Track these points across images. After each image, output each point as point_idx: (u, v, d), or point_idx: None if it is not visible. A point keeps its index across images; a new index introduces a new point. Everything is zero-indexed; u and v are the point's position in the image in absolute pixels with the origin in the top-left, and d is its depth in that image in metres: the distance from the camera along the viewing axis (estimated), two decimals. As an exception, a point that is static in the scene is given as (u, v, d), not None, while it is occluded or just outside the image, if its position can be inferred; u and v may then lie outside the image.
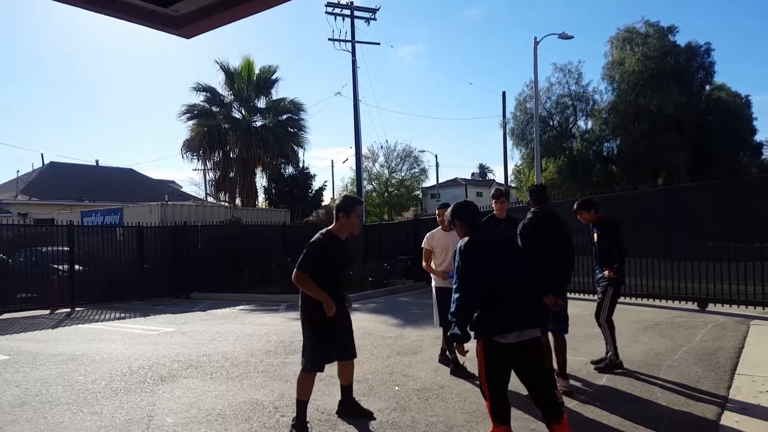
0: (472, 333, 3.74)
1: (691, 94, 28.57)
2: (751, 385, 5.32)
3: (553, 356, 5.41)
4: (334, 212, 4.81)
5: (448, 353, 6.46)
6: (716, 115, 28.59)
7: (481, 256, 3.78)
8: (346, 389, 4.99)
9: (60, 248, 14.76)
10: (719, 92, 30.70)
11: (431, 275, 6.80)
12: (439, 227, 6.80)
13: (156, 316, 12.58)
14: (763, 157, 34.08)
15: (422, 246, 6.82)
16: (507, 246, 4.00)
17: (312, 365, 4.62)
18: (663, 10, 76.49)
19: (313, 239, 4.65)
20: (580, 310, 5.79)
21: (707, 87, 30.53)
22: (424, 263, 6.83)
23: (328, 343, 4.64)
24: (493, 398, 3.72)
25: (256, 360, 7.44)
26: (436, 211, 7.20)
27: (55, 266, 14.51)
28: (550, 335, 5.30)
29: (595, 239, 6.55)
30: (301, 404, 4.55)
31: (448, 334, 3.98)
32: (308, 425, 4.54)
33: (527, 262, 3.95)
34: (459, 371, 6.27)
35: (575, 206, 6.70)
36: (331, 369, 6.57)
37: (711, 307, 10.13)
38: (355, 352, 4.94)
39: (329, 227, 4.78)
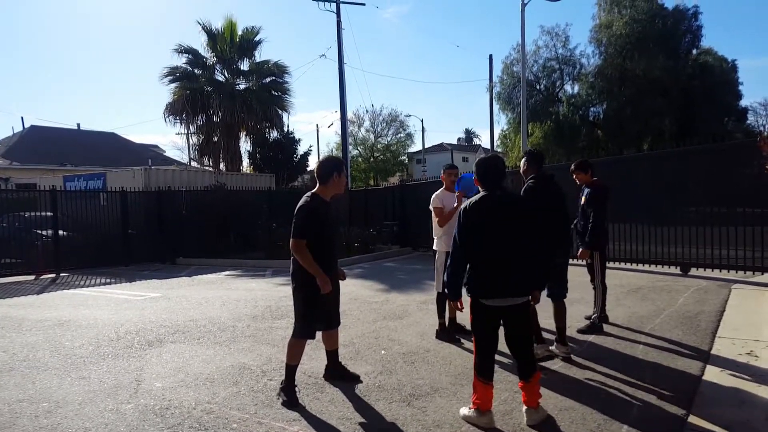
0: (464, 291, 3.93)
1: (677, 58, 28.51)
2: (731, 348, 5.44)
3: (535, 324, 5.48)
4: (318, 173, 4.62)
5: (437, 316, 6.47)
6: (702, 79, 28.59)
7: (477, 218, 3.80)
8: (332, 354, 5.02)
9: (43, 213, 14.58)
10: (706, 56, 30.65)
11: (435, 240, 6.51)
12: (443, 188, 6.58)
13: (142, 281, 12.54)
14: (748, 122, 34.36)
15: (432, 206, 6.47)
16: (513, 207, 3.91)
17: (302, 332, 4.60)
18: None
19: (301, 204, 4.49)
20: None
21: (694, 51, 30.45)
22: (437, 219, 6.40)
23: (318, 312, 4.59)
24: (478, 351, 3.93)
25: (243, 325, 7.47)
26: (443, 172, 6.69)
27: (39, 231, 14.36)
28: (548, 300, 5.39)
29: (582, 201, 6.59)
30: (290, 369, 4.57)
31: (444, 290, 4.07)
32: (296, 389, 4.58)
33: (530, 227, 3.89)
34: (444, 335, 6.34)
35: (573, 167, 6.75)
36: (317, 333, 6.61)
37: (693, 271, 10.29)
38: (339, 320, 4.94)
39: (314, 190, 4.62)
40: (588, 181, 6.61)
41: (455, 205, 6.21)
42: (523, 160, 5.63)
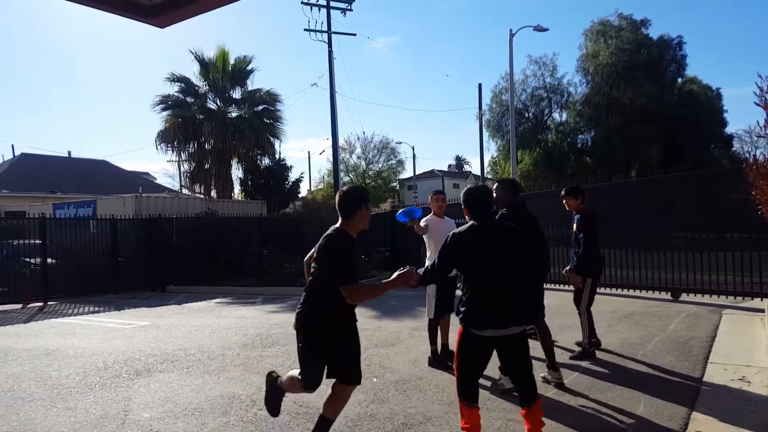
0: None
1: (663, 86, 29.00)
2: (724, 374, 5.44)
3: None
4: (342, 206, 3.87)
5: (429, 343, 6.39)
6: (688, 107, 29.05)
7: (469, 247, 3.73)
8: (324, 421, 3.95)
9: (32, 241, 14.46)
10: (691, 85, 31.21)
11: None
12: (431, 214, 6.53)
13: (131, 309, 12.41)
14: (733, 149, 34.77)
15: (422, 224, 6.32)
16: (507, 236, 3.84)
17: (306, 383, 3.89)
18: (636, 2, 77.38)
19: (333, 244, 3.76)
20: (556, 300, 5.84)
21: (679, 80, 31.01)
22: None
23: (322, 359, 3.85)
24: (460, 378, 3.83)
25: (233, 353, 7.38)
26: (431, 197, 6.70)
27: (27, 259, 14.23)
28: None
29: (574, 228, 6.62)
30: (282, 391, 4.25)
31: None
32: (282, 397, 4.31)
33: (524, 257, 3.86)
34: (436, 363, 6.29)
35: (563, 192, 6.77)
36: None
37: (684, 296, 10.31)
38: (360, 378, 3.94)
39: (338, 225, 3.87)
40: (578, 208, 6.64)
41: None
42: (495, 187, 5.41)
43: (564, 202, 6.75)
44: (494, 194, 5.33)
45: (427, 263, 3.95)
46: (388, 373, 6.10)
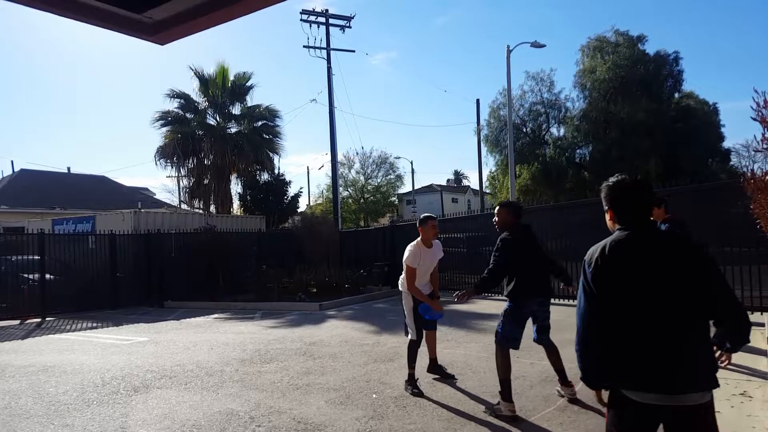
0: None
1: (660, 101, 29.14)
2: (725, 388, 5.41)
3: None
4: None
5: (408, 366, 6.06)
6: (685, 122, 29.17)
7: (624, 270, 2.52)
8: None
9: (30, 257, 14.44)
10: (688, 100, 31.36)
11: (401, 280, 6.09)
12: (419, 241, 5.96)
13: (129, 325, 12.36)
14: (731, 162, 34.92)
15: (406, 263, 5.86)
16: (675, 251, 2.54)
17: None
18: (632, 19, 78.01)
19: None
20: (555, 315, 5.82)
21: (676, 95, 31.15)
22: (408, 281, 5.87)
23: None
24: None
25: (231, 369, 7.35)
26: (427, 222, 5.99)
27: (26, 275, 14.20)
28: (538, 345, 5.44)
29: None
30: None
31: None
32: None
33: (700, 281, 2.50)
34: (412, 387, 5.91)
35: None
36: (307, 377, 6.56)
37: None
38: None
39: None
40: (663, 217, 6.47)
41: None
42: (498, 209, 5.51)
43: None
44: (497, 217, 5.46)
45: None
46: (387, 389, 6.07)
